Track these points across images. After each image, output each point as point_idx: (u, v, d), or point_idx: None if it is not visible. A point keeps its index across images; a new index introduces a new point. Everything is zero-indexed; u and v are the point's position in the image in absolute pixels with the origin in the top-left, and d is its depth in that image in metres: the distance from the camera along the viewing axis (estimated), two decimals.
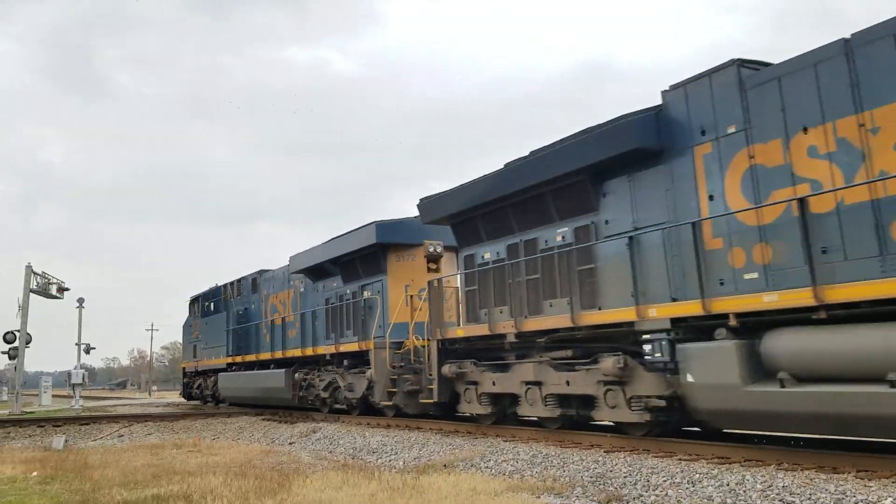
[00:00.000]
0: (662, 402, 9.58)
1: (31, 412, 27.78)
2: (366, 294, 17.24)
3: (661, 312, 9.41)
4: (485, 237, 13.29)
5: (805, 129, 8.20)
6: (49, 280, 29.74)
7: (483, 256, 13.30)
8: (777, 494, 6.81)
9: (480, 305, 13.09)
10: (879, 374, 6.94)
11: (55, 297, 30.25)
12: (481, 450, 11.03)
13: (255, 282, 24.20)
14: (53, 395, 39.43)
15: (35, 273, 28.36)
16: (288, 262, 20.99)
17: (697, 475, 7.83)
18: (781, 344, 7.97)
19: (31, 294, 28.18)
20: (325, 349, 18.50)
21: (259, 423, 18.82)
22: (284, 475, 9.42)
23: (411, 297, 15.46)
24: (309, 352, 19.41)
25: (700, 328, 8.96)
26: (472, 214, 13.34)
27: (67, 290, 31.04)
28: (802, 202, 7.96)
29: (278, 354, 21.12)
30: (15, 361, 28.64)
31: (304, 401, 19.79)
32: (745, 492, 7.06)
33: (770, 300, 8.17)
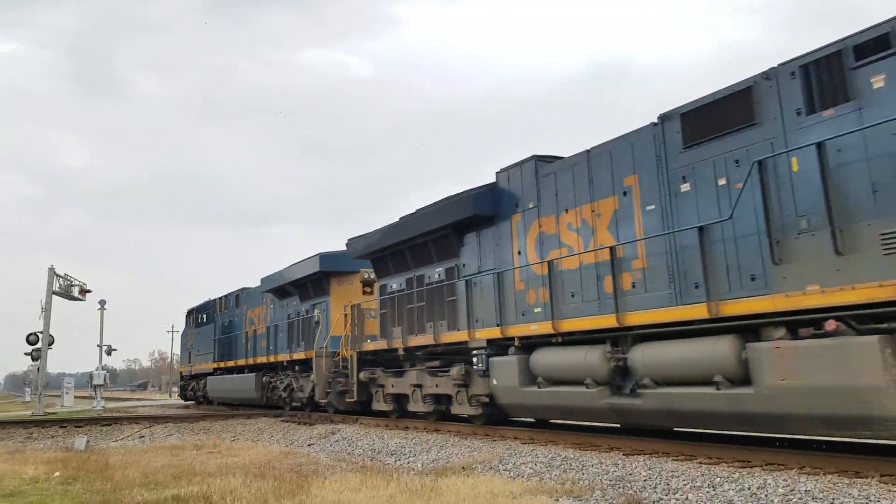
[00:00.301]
0: (487, 399, 13.21)
1: (53, 413, 28.07)
2: (316, 312, 20.70)
3: (481, 335, 13.24)
4: (392, 271, 16.68)
5: (566, 210, 11.69)
6: (71, 282, 30.05)
7: (391, 286, 16.65)
8: (799, 499, 6.73)
9: (388, 325, 16.48)
10: (582, 378, 10.70)
11: (77, 299, 30.54)
12: (500, 452, 11.00)
13: (237, 298, 27.97)
14: (76, 396, 39.78)
15: (58, 275, 28.66)
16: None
17: (718, 479, 7.75)
18: (538, 358, 11.71)
19: (53, 296, 28.49)
20: (283, 357, 22.20)
21: (278, 424, 18.89)
22: (303, 476, 9.45)
23: (345, 315, 18.36)
24: (272, 359, 23.13)
25: (503, 346, 12.67)
26: (384, 253, 16.71)
27: (89, 292, 31.33)
28: (551, 263, 11.71)
29: (251, 361, 24.95)
30: (38, 363, 28.93)
31: (270, 400, 23.31)
32: (766, 496, 6.98)
33: (534, 329, 11.96)
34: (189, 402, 33.39)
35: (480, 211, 13.35)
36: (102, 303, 34.65)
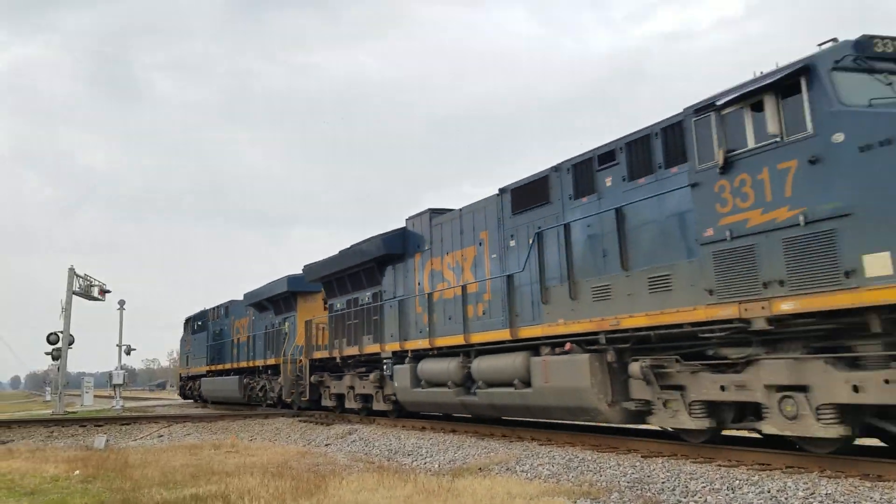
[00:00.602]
0: (395, 398, 16.54)
1: (73, 412, 28.35)
2: (285, 325, 24.22)
3: (388, 348, 16.74)
4: (337, 293, 20.00)
5: (447, 253, 15.07)
6: (91, 282, 30.32)
7: (336, 306, 19.92)
8: (820, 502, 6.67)
9: (332, 337, 19.76)
10: (446, 381, 14.18)
11: (97, 299, 30.81)
12: (517, 453, 10.98)
13: (227, 309, 31.50)
14: (95, 396, 40.11)
15: (77, 275, 28.95)
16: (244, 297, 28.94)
17: (737, 481, 7.69)
18: (422, 366, 15.16)
19: (73, 296, 28.77)
20: (260, 362, 26.08)
21: (295, 424, 18.97)
22: (321, 476, 9.48)
23: (311, 327, 21.48)
24: (252, 364, 26.95)
25: (402, 356, 16.05)
26: (330, 278, 19.99)
27: (109, 292, 31.61)
28: (430, 294, 15.26)
29: (236, 365, 28.75)
30: (58, 362, 29.23)
31: (249, 398, 27.10)
32: (786, 499, 6.92)
33: (420, 344, 15.44)
34: (188, 401, 37.11)
35: (392, 250, 16.81)
36: (122, 303, 34.88)
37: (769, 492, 7.17)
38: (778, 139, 8.28)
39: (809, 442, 8.28)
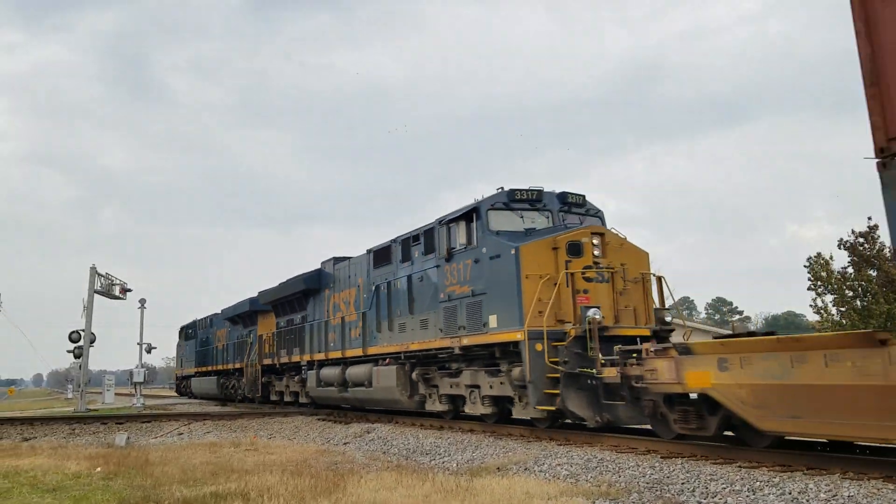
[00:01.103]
0: (310, 394, 22.31)
1: (95, 410, 28.60)
2: (249, 336, 28.97)
3: (306, 358, 22.19)
4: (280, 314, 25.35)
5: (342, 291, 20.31)
6: (112, 281, 30.57)
7: (280, 324, 25.36)
8: None
9: (277, 349, 25.08)
10: (334, 382, 19.75)
11: (118, 298, 31.07)
12: (535, 453, 10.95)
13: (211, 320, 36.72)
14: (116, 394, 40.47)
15: (99, 274, 29.20)
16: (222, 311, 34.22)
17: (758, 483, 7.63)
18: (322, 372, 20.62)
19: (95, 295, 29.03)
20: (231, 366, 31.39)
21: (314, 423, 19.05)
22: (339, 475, 9.51)
23: (262, 339, 27.07)
24: (226, 367, 32.27)
25: (312, 365, 21.78)
26: (276, 302, 25.24)
27: (130, 291, 31.86)
28: (327, 322, 20.84)
29: (215, 368, 34.16)
30: (80, 360, 29.50)
31: (225, 394, 32.38)
32: (807, 501, 6.85)
33: (318, 356, 21.10)
34: (182, 397, 43.29)
35: (311, 286, 22.39)
36: (142, 301, 35.27)
37: (790, 493, 7.10)
38: (465, 246, 14.16)
39: (484, 416, 14.50)
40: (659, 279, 13.34)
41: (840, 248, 27.65)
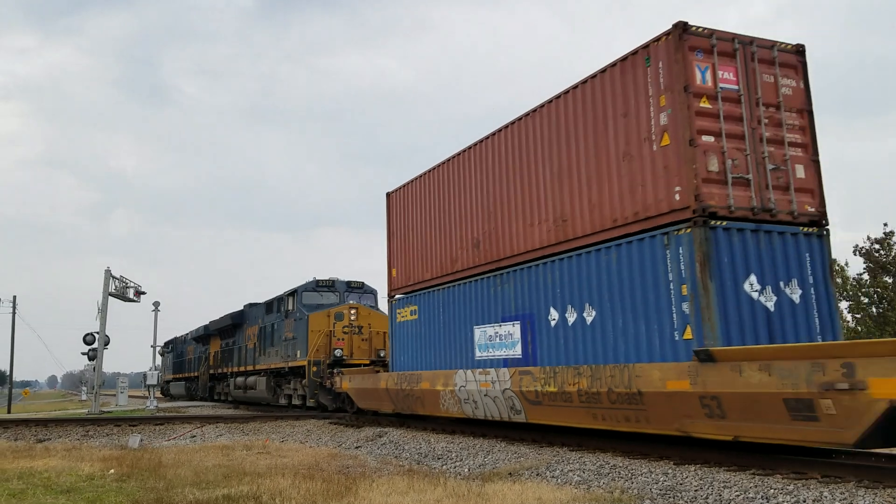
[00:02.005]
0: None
1: (108, 412, 28.79)
2: (206, 353, 38.12)
3: (230, 370, 33.02)
4: (222, 338, 34.69)
5: (252, 327, 30.41)
6: (126, 284, 30.74)
7: (222, 345, 34.64)
8: None
9: (220, 362, 34.65)
10: (242, 388, 30.93)
11: (132, 301, 31.22)
12: (547, 458, 10.92)
13: (185, 338, 45.95)
14: (130, 396, 40.87)
15: (113, 277, 29.37)
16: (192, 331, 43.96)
17: (772, 490, 7.57)
18: (237, 380, 32.08)
19: (109, 297, 29.20)
20: (195, 374, 40.81)
21: (326, 426, 19.07)
22: (351, 479, 9.52)
23: (210, 355, 37.14)
24: (191, 374, 42.29)
25: (236, 375, 33.11)
26: (219, 330, 34.54)
27: (144, 293, 32.00)
28: (245, 346, 31.68)
29: (185, 375, 44.52)
30: (94, 362, 29.69)
31: (190, 394, 43.07)
32: None
33: (240, 369, 31.79)
34: (166, 397, 51.92)
35: (237, 321, 32.01)
36: (156, 304, 35.41)
37: (805, 502, 7.05)
38: (291, 311, 25.36)
39: (298, 405, 25.26)
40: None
41: (855, 255, 27.52)
